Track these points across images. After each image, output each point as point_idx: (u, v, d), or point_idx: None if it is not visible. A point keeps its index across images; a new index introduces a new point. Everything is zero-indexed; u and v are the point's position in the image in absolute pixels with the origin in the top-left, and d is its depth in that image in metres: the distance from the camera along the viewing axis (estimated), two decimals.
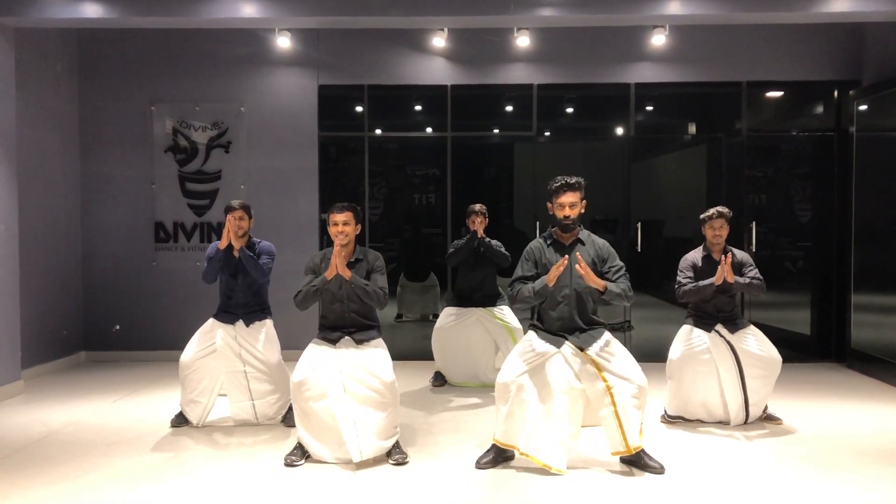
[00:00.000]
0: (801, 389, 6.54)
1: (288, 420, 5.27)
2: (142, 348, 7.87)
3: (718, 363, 5.25)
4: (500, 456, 4.45)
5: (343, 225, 4.58)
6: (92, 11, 6.09)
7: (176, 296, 7.86)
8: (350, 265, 4.65)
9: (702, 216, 5.40)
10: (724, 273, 5.05)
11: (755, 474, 4.30)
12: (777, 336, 5.58)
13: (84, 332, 7.91)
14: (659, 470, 4.27)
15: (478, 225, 6.38)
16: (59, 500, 3.92)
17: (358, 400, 4.44)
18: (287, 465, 4.43)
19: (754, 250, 7.73)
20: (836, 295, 7.87)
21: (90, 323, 7.93)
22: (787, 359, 7.60)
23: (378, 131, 8.10)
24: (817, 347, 7.98)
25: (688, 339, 5.37)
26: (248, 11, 6.15)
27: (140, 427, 5.34)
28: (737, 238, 7.48)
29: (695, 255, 5.44)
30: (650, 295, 8.31)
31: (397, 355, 7.61)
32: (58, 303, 7.49)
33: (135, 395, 6.38)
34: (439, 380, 6.71)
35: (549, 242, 4.51)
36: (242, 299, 5.30)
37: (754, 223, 7.76)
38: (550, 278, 4.21)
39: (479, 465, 4.41)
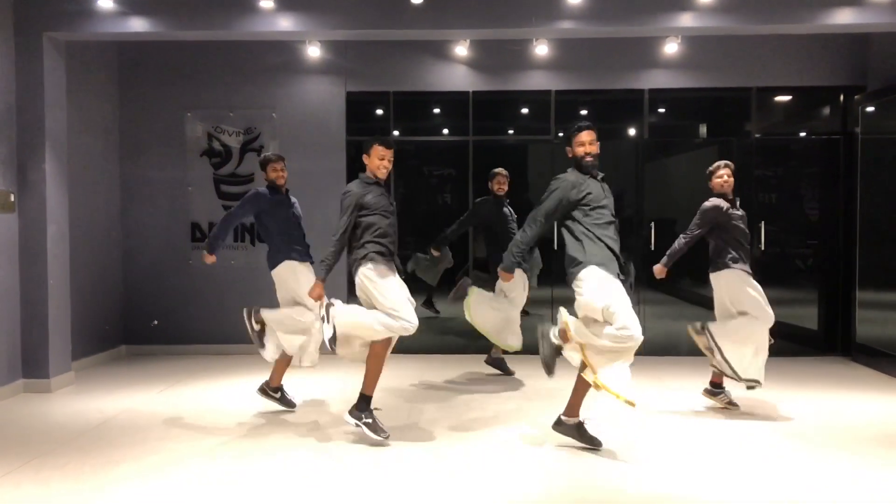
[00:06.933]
0: (808, 382, 6.87)
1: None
2: (179, 342, 8.29)
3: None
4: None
5: (388, 161, 5.06)
6: (138, 26, 6.49)
7: (211, 292, 8.27)
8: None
9: (708, 170, 5.84)
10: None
11: (760, 458, 4.67)
12: (785, 331, 5.96)
13: (124, 327, 8.34)
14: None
15: (501, 185, 6.92)
16: (126, 477, 4.33)
17: None
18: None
19: (763, 248, 8.07)
20: (842, 291, 8.20)
21: (130, 318, 8.35)
22: (794, 353, 8.02)
23: (403, 135, 8.49)
24: (824, 342, 8.32)
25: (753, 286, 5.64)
26: (284, 25, 6.53)
27: (190, 414, 5.76)
28: None
29: (718, 202, 5.70)
30: (663, 293, 8.63)
31: (420, 349, 8.04)
32: (100, 299, 7.91)
33: (178, 385, 6.79)
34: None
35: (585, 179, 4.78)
36: (299, 236, 5.79)
37: (763, 223, 8.09)
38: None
39: None
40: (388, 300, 4.82)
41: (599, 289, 4.56)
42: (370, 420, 4.89)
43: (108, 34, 6.65)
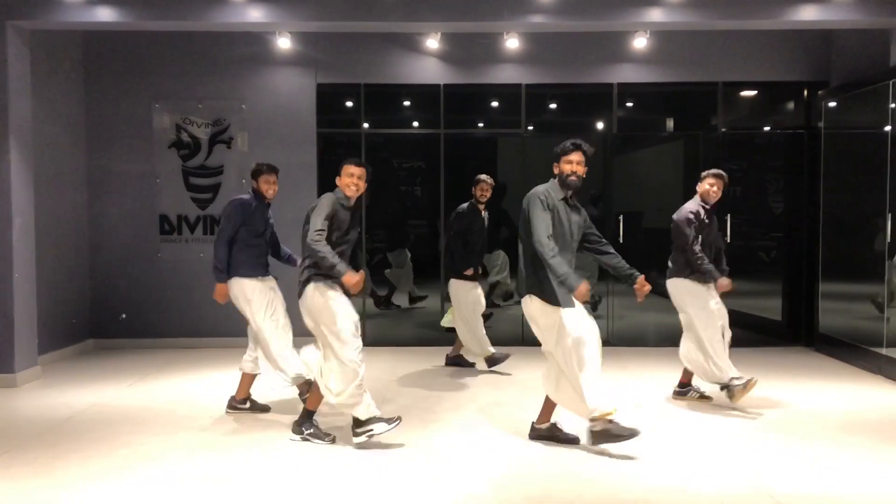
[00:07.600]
0: (773, 371, 7.01)
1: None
2: (147, 336, 8.20)
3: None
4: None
5: (358, 179, 4.85)
6: (105, 15, 6.40)
7: (179, 285, 8.19)
8: (354, 213, 4.97)
9: (703, 174, 5.81)
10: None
11: (728, 446, 4.78)
12: (750, 322, 6.06)
13: (92, 321, 8.23)
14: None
15: (485, 192, 6.84)
16: (98, 472, 4.30)
17: None
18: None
19: (729, 241, 8.20)
20: (805, 283, 8.38)
21: (97, 311, 8.24)
22: (759, 343, 8.17)
23: (374, 128, 8.48)
24: (788, 332, 8.50)
25: (707, 298, 5.68)
26: (255, 16, 6.49)
27: (161, 408, 5.72)
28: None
29: (695, 208, 5.70)
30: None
31: (391, 342, 8.07)
32: (67, 292, 7.79)
33: (148, 379, 6.73)
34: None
35: (560, 198, 4.77)
36: (266, 256, 5.68)
37: (729, 215, 8.22)
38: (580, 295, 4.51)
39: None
40: (336, 324, 4.71)
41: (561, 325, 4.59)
42: (311, 430, 4.90)
43: (74, 24, 6.56)
